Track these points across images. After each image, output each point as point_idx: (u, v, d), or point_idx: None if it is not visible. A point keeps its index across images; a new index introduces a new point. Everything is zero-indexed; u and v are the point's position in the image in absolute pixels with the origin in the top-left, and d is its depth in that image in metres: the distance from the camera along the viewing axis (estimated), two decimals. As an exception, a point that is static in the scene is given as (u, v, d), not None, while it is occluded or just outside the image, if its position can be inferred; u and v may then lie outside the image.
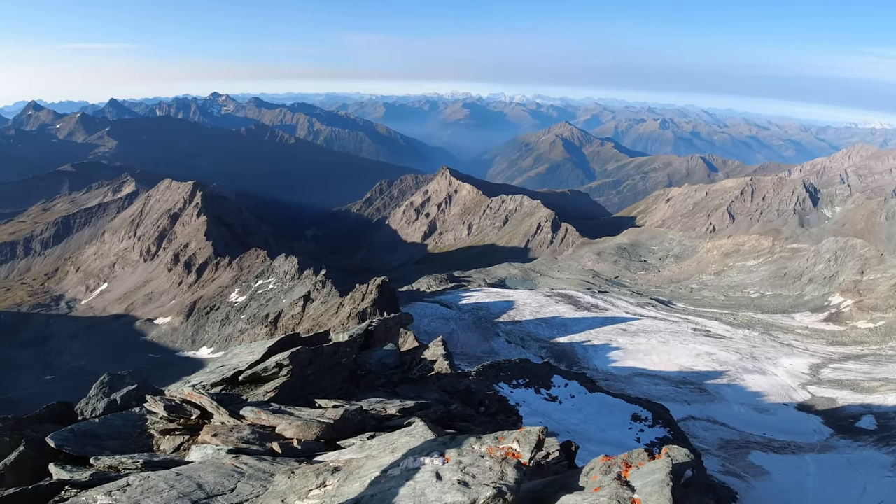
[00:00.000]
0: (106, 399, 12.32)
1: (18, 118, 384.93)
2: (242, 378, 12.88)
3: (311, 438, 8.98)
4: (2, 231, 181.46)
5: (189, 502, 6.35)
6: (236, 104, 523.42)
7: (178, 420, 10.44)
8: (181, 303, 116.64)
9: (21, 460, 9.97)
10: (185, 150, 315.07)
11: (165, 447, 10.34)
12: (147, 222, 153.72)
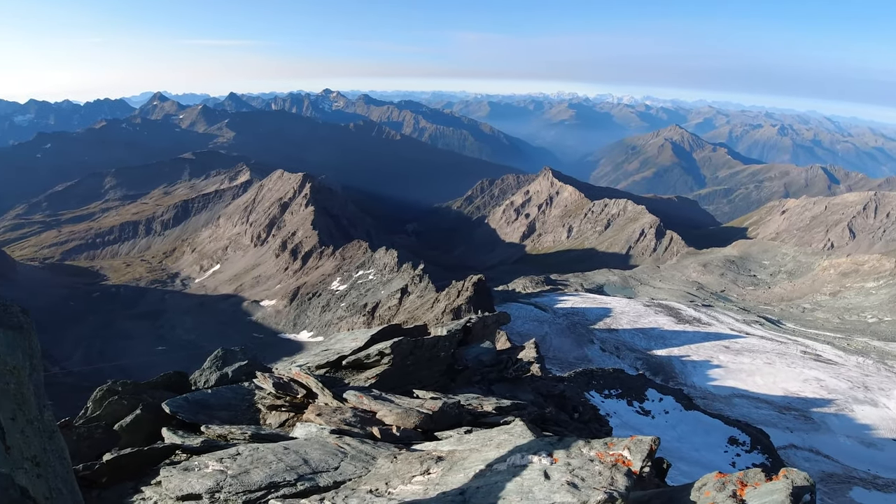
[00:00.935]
0: (218, 372, 13.09)
1: (145, 108, 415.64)
2: (346, 363, 13.36)
3: (410, 427, 9.17)
4: (126, 211, 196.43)
5: (296, 475, 6.65)
6: (346, 100, 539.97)
7: (285, 397, 10.93)
8: (286, 287, 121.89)
9: (137, 422, 10.77)
10: (297, 143, 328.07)
11: (271, 422, 10.86)
12: (259, 210, 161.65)
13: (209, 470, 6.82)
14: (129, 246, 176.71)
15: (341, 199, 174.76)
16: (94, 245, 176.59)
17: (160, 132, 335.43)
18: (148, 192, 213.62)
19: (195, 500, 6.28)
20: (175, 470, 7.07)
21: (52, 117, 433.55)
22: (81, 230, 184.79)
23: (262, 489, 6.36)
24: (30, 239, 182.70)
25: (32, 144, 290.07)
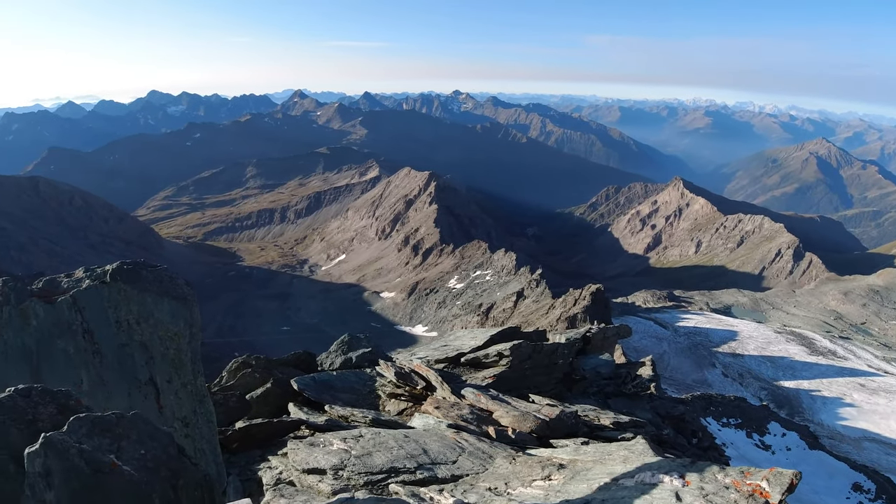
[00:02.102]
0: (343, 356, 13.62)
1: (286, 104, 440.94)
2: (464, 360, 13.49)
3: (525, 431, 9.09)
4: (264, 199, 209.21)
5: (416, 463, 6.75)
6: (475, 102, 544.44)
7: (405, 387, 11.18)
8: (405, 281, 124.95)
9: (267, 395, 11.42)
10: (426, 143, 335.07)
11: (390, 409, 11.15)
12: (385, 205, 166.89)
13: (334, 448, 7.07)
14: (265, 231, 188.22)
15: (464, 199, 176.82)
16: (233, 228, 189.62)
17: (299, 127, 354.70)
18: (284, 183, 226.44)
19: (320, 474, 6.53)
20: (301, 444, 7.39)
21: (201, 109, 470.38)
22: (223, 214, 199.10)
23: (384, 473, 6.52)
24: (176, 219, 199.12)
25: (183, 133, 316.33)
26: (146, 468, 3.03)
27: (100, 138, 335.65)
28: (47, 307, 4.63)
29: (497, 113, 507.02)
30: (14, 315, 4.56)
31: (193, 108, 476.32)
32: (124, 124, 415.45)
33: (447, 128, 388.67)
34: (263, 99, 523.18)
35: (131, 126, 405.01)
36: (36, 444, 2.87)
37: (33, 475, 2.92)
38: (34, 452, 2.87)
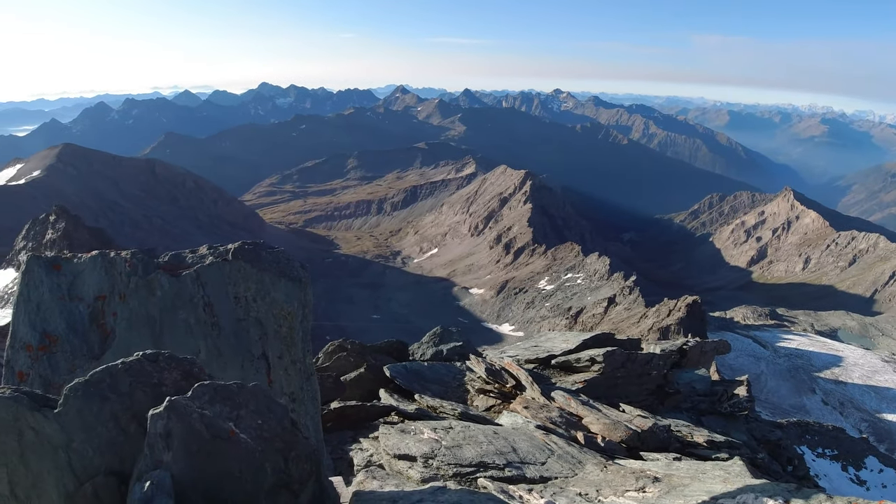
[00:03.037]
0: (434, 348, 13.81)
1: (388, 99, 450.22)
2: (554, 363, 13.34)
3: (615, 440, 8.90)
4: (363, 190, 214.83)
5: (505, 461, 6.73)
6: (576, 101, 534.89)
7: (494, 384, 11.18)
8: (495, 279, 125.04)
9: (360, 379, 11.73)
10: (523, 141, 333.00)
11: (478, 404, 11.18)
12: (479, 202, 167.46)
13: (425, 437, 7.16)
14: (362, 221, 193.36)
15: (560, 200, 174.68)
16: (332, 217, 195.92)
17: (399, 122, 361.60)
18: (383, 176, 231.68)
19: (410, 461, 6.63)
20: (393, 430, 7.53)
21: (308, 102, 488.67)
22: (323, 203, 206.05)
23: (473, 466, 6.54)
24: (279, 205, 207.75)
25: (290, 124, 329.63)
26: (262, 438, 3.17)
27: (213, 126, 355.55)
28: (172, 280, 4.95)
29: (598, 113, 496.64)
30: (141, 285, 4.90)
31: (301, 100, 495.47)
32: (236, 114, 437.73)
33: (546, 127, 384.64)
34: (367, 93, 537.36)
35: (242, 115, 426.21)
36: (160, 407, 3.06)
37: (154, 436, 3.11)
38: (157, 414, 3.06)
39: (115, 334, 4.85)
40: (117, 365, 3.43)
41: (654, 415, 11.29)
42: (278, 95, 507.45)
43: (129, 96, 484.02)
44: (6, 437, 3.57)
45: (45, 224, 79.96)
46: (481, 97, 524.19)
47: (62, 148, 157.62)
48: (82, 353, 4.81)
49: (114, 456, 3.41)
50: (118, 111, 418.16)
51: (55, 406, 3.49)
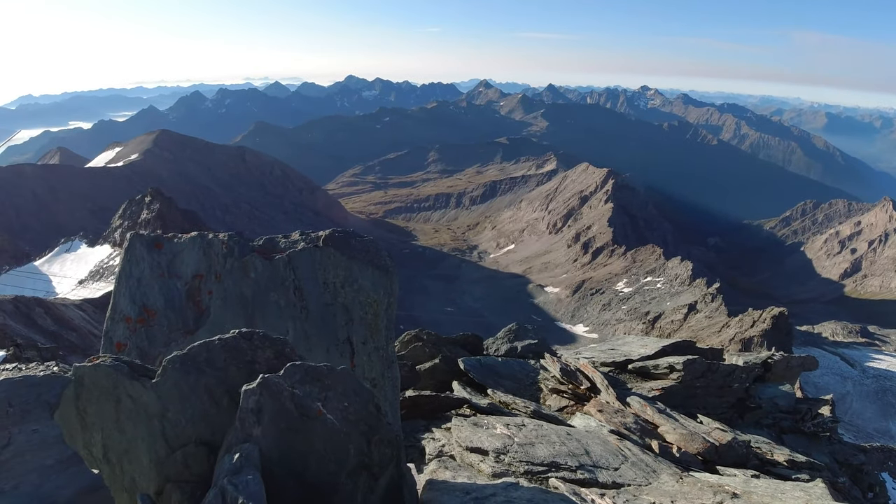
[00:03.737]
0: (509, 344, 13.78)
1: (471, 93, 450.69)
2: (631, 367, 13.06)
3: (691, 451, 8.67)
4: (442, 183, 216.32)
5: (577, 462, 6.66)
6: (663, 99, 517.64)
7: (568, 385, 11.05)
8: (571, 278, 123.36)
9: (434, 370, 11.84)
10: (607, 139, 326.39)
11: (551, 404, 11.09)
12: (559, 199, 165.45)
13: (497, 432, 7.17)
14: (440, 214, 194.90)
15: (642, 200, 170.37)
16: (412, 209, 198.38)
17: (481, 116, 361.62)
18: (462, 170, 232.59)
19: (482, 454, 6.65)
20: (465, 422, 7.57)
21: (392, 95, 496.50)
22: (403, 194, 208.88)
23: (545, 465, 6.50)
24: (361, 196, 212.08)
25: (374, 117, 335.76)
26: (347, 420, 3.27)
27: (300, 116, 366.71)
28: (265, 263, 5.16)
29: (687, 111, 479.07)
30: (236, 266, 5.14)
31: (385, 93, 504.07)
32: (323, 105, 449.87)
33: (631, 125, 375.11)
34: (450, 87, 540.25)
35: (328, 107, 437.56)
36: (253, 383, 3.20)
37: (245, 410, 3.25)
38: (250, 390, 3.19)
39: (210, 312, 5.10)
40: (214, 341, 3.60)
41: (732, 429, 10.94)
42: (364, 88, 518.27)
43: (222, 86, 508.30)
44: (104, 403, 3.82)
45: (140, 205, 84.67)
46: (565, 93, 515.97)
47: (159, 134, 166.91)
48: (178, 327, 5.08)
49: (205, 427, 3.59)
50: (212, 100, 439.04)
51: (153, 376, 3.70)
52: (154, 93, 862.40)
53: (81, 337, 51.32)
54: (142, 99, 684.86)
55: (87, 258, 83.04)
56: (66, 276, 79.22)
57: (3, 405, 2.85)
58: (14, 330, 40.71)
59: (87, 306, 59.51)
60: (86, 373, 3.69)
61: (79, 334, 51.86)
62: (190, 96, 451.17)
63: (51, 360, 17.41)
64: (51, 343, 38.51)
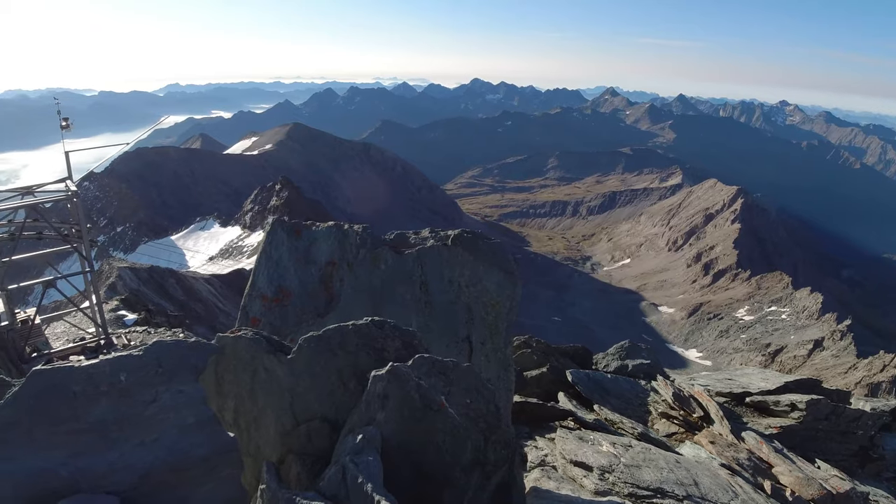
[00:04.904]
0: (620, 361, 13.44)
1: (596, 100, 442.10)
2: (748, 401, 12.41)
3: (806, 497, 8.18)
4: (560, 191, 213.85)
5: (684, 492, 6.45)
6: (803, 116, 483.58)
7: (679, 411, 10.66)
8: (688, 300, 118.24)
9: (540, 378, 11.77)
10: (739, 155, 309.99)
11: (659, 428, 10.72)
12: (682, 215, 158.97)
13: (603, 449, 7.06)
14: (555, 222, 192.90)
15: (773, 223, 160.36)
16: (527, 214, 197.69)
17: (605, 124, 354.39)
18: (582, 178, 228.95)
19: (585, 470, 6.58)
20: (570, 435, 7.51)
21: (516, 99, 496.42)
22: (519, 199, 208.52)
23: (651, 490, 6.34)
24: (478, 197, 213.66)
25: (496, 120, 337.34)
26: (467, 416, 3.37)
27: (425, 116, 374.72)
28: (396, 256, 5.39)
29: (828, 131, 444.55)
30: (368, 258, 5.41)
31: (509, 97, 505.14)
32: (447, 106, 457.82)
33: (766, 141, 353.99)
34: (575, 94, 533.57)
35: (453, 108, 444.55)
36: (382, 370, 3.36)
37: (372, 395, 3.41)
38: (379, 376, 3.36)
39: (340, 298, 5.39)
40: (348, 326, 3.81)
41: (851, 478, 10.21)
42: (488, 91, 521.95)
43: (353, 85, 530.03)
44: (242, 373, 4.13)
45: (271, 191, 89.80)
46: (696, 104, 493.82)
47: (292, 126, 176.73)
48: (309, 309, 5.40)
49: (331, 405, 3.81)
50: (343, 97, 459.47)
51: (288, 352, 3.96)
52: (290, 88, 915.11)
53: (207, 309, 55.09)
54: (279, 93, 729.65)
55: (219, 237, 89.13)
56: (198, 251, 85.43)
57: (154, 365, 3.13)
58: (147, 296, 44.36)
59: (214, 281, 63.86)
60: (227, 343, 4.02)
61: (205, 306, 55.71)
62: (323, 93, 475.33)
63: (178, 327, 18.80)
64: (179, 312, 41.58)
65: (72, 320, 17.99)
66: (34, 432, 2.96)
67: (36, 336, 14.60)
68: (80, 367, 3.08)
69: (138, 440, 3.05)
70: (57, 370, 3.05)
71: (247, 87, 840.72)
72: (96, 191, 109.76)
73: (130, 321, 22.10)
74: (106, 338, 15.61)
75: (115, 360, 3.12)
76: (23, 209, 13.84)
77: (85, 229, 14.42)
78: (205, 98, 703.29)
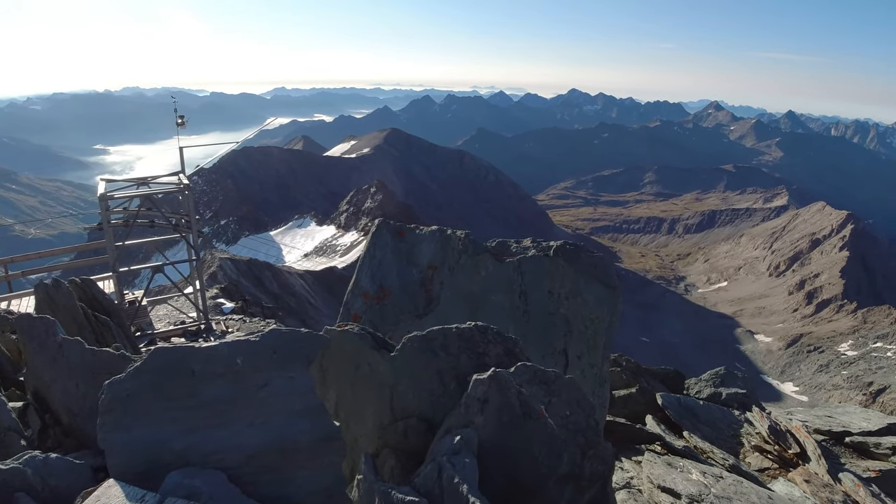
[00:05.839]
0: (713, 388, 12.93)
1: (699, 114, 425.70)
2: (848, 441, 11.71)
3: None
4: (656, 207, 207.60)
5: (779, 531, 6.17)
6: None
7: (774, 445, 10.21)
8: (788, 330, 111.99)
9: (628, 399, 11.49)
10: (850, 177, 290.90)
11: (750, 461, 10.28)
12: (786, 239, 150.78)
13: (693, 477, 6.87)
14: (649, 239, 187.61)
15: (884, 253, 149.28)
16: (619, 229, 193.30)
17: (708, 140, 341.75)
18: (680, 195, 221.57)
19: (674, 497, 6.42)
20: (659, 460, 7.34)
21: (614, 111, 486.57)
22: (613, 213, 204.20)
23: (742, 525, 6.11)
24: (569, 209, 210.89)
25: (593, 131, 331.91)
26: (567, 428, 3.37)
27: (520, 126, 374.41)
28: (496, 264, 5.46)
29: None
30: (469, 264, 5.50)
31: (607, 108, 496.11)
32: (543, 116, 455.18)
33: (881, 164, 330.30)
34: (676, 107, 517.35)
35: (548, 119, 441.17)
36: (484, 374, 3.42)
37: (472, 398, 3.48)
38: (481, 380, 3.42)
39: (439, 301, 5.50)
40: (451, 328, 3.91)
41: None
42: (586, 102, 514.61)
43: (450, 92, 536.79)
44: (346, 365, 4.30)
45: (365, 194, 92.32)
46: (807, 121, 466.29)
47: (390, 132, 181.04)
48: (408, 310, 5.55)
49: (428, 405, 3.91)
50: (440, 105, 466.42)
51: (391, 350, 4.10)
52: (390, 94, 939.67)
53: (299, 302, 57.26)
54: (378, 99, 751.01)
55: (314, 235, 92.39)
56: (294, 247, 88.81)
57: (269, 351, 3.29)
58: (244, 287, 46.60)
59: (307, 276, 66.29)
60: (335, 336, 4.20)
61: (297, 300, 57.92)
62: (421, 100, 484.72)
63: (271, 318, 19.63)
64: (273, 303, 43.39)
65: (174, 304, 19.10)
66: (151, 406, 3.16)
67: (142, 317, 15.61)
68: (200, 347, 3.28)
69: (248, 422, 3.20)
70: (178, 349, 3.27)
71: (348, 92, 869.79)
72: (204, 185, 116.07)
73: (228, 309, 23.21)
74: (206, 323, 16.51)
75: (233, 344, 3.31)
76: (138, 198, 14.89)
77: (194, 220, 15.33)
78: (308, 102, 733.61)
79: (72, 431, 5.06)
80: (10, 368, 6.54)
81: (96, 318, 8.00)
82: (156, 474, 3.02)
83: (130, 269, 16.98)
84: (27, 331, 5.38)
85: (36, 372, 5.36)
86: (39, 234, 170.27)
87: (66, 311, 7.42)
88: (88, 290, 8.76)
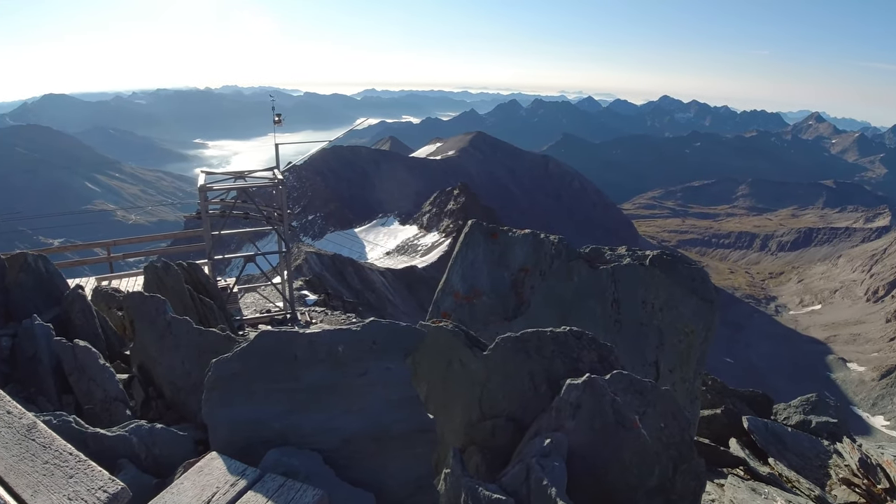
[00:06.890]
0: (803, 416, 12.37)
1: (798, 125, 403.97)
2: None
3: None
4: (748, 222, 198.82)
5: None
6: None
7: (864, 479, 9.71)
8: (883, 360, 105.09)
9: (712, 420, 11.11)
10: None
11: (837, 494, 9.83)
12: (887, 262, 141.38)
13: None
14: (739, 255, 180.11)
15: None
16: (708, 243, 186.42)
17: (806, 153, 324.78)
18: (775, 210, 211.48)
19: (760, 522, 6.22)
20: (743, 485, 7.14)
21: (708, 119, 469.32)
22: (702, 226, 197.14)
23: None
24: (656, 220, 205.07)
25: (685, 140, 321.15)
26: (660, 440, 3.35)
27: (608, 132, 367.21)
28: (590, 270, 5.45)
29: None
30: (562, 268, 5.51)
31: (700, 117, 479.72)
32: (632, 123, 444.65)
33: None
34: (774, 117, 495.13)
35: (638, 126, 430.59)
36: (579, 380, 3.44)
37: (565, 402, 3.50)
38: (575, 385, 3.44)
39: (530, 304, 5.54)
40: (546, 331, 3.95)
41: None
42: (678, 110, 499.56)
43: (538, 97, 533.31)
44: (437, 360, 4.41)
45: (449, 196, 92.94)
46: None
47: (475, 135, 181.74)
48: (497, 311, 5.62)
49: (518, 405, 3.96)
50: (527, 109, 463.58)
51: (484, 349, 4.18)
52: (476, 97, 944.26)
53: (379, 298, 58.35)
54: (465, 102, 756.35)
55: (397, 234, 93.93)
56: (377, 245, 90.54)
57: (368, 341, 3.42)
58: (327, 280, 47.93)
59: (388, 274, 67.43)
60: (430, 332, 4.32)
61: (377, 296, 59.04)
62: (507, 104, 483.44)
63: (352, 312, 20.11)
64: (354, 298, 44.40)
65: (262, 293, 19.96)
66: (254, 386, 3.34)
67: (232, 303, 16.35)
68: (304, 333, 3.45)
69: (345, 407, 3.33)
70: (283, 333, 3.45)
71: (436, 95, 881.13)
72: (294, 181, 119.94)
73: (311, 301, 23.99)
74: (291, 312, 17.17)
75: (335, 332, 3.46)
76: (234, 191, 15.71)
77: (286, 214, 16.00)
78: (397, 103, 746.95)
79: (174, 405, 5.40)
80: (117, 342, 7.00)
81: (201, 300, 8.49)
82: (255, 451, 3.18)
83: (224, 258, 17.85)
84: (138, 308, 5.77)
85: (143, 347, 5.74)
86: (139, 221, 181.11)
87: (173, 293, 7.91)
88: (194, 274, 9.29)
